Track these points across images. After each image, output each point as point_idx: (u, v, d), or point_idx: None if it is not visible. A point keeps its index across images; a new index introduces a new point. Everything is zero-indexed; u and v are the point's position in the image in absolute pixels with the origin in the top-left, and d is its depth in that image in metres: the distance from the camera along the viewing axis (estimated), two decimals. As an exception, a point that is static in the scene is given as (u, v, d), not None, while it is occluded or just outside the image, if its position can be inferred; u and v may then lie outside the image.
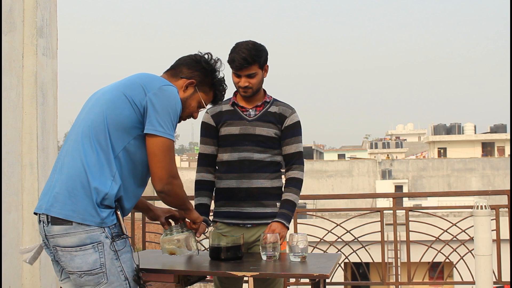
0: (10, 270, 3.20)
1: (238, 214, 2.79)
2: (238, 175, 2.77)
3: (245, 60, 2.64)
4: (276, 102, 2.86)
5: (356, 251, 4.72)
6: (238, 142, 2.77)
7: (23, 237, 3.31)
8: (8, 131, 3.22)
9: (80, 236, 1.97)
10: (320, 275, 2.26)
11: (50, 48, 3.53)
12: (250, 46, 2.67)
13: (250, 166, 2.76)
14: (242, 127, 2.78)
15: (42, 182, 3.40)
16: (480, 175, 34.11)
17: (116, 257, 2.03)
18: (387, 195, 5.27)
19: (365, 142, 58.72)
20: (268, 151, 2.79)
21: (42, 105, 3.43)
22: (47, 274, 3.44)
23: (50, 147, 3.53)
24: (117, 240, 2.03)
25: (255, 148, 2.77)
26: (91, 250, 1.98)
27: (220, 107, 2.85)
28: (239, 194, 2.78)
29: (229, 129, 2.80)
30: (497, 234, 4.43)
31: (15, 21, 3.28)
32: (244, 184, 2.76)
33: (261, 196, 2.78)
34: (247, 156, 2.76)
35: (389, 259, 11.12)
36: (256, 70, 2.70)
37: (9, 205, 3.20)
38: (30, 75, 3.36)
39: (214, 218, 2.88)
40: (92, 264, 1.98)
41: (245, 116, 2.81)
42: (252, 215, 2.78)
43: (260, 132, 2.77)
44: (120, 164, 2.08)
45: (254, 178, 2.76)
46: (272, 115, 2.81)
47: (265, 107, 2.83)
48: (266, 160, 2.79)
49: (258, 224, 2.78)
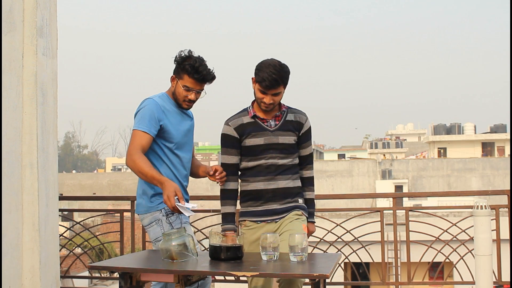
0: (10, 270, 3.19)
1: (266, 212, 3.08)
2: (265, 178, 3.06)
3: (275, 81, 2.92)
4: (290, 110, 3.15)
5: (356, 251, 4.72)
6: (263, 151, 3.06)
7: (23, 237, 3.31)
8: (8, 131, 3.21)
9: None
10: (320, 275, 2.26)
11: (50, 48, 3.53)
12: (278, 67, 2.93)
13: (276, 170, 3.07)
14: (266, 138, 3.06)
15: (42, 182, 3.40)
16: (480, 175, 34.12)
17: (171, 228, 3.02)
18: (387, 195, 5.27)
19: (365, 142, 58.71)
20: (290, 156, 3.10)
21: (42, 105, 3.43)
22: (47, 274, 3.44)
23: (50, 147, 3.53)
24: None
25: (279, 155, 3.07)
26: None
27: (241, 120, 3.09)
28: (266, 195, 3.07)
29: (253, 140, 3.06)
30: (497, 234, 4.43)
31: (15, 21, 3.28)
32: (271, 185, 3.06)
33: (286, 195, 3.09)
34: (273, 162, 3.06)
35: (389, 259, 11.12)
36: (281, 90, 2.99)
37: (9, 205, 3.20)
38: (30, 75, 3.35)
39: (242, 217, 3.14)
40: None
41: (267, 127, 3.07)
42: (278, 211, 3.08)
43: (282, 140, 3.07)
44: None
45: (279, 180, 3.07)
46: (290, 123, 3.10)
47: (283, 116, 3.10)
48: (288, 164, 3.09)
49: (283, 217, 3.08)
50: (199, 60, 3.07)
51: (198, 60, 3.07)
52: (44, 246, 3.39)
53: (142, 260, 2.77)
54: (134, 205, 4.86)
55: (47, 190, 3.47)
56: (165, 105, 3.09)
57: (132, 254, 3.08)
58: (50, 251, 3.49)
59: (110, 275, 5.54)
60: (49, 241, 3.48)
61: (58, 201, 3.68)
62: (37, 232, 3.33)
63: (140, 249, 4.51)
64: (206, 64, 3.10)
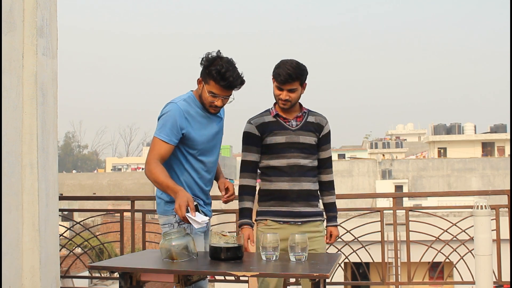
0: (10, 270, 3.20)
1: (290, 213, 3.11)
2: (290, 179, 3.10)
3: (290, 76, 2.98)
4: (311, 113, 3.20)
5: (356, 251, 4.72)
6: (284, 149, 3.10)
7: (23, 237, 3.31)
8: (8, 131, 3.21)
9: None
10: (320, 275, 2.26)
11: (50, 48, 3.53)
12: (294, 64, 3.01)
13: (299, 171, 3.11)
14: (288, 136, 3.10)
15: (42, 182, 3.40)
16: (480, 175, 34.12)
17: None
18: (387, 195, 5.27)
19: (365, 142, 58.69)
20: (310, 157, 3.15)
21: (42, 105, 3.43)
22: (47, 274, 3.44)
23: (50, 147, 3.53)
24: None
25: (300, 154, 3.11)
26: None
27: (263, 119, 3.15)
28: (291, 195, 3.10)
29: (275, 138, 3.10)
30: (497, 234, 4.43)
31: (15, 21, 3.28)
32: (296, 186, 3.10)
33: (308, 197, 3.15)
34: (295, 162, 3.10)
35: (389, 259, 11.12)
36: (297, 86, 3.03)
37: (9, 205, 3.20)
38: (30, 75, 3.35)
39: (263, 216, 3.15)
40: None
41: (288, 126, 3.12)
42: (302, 214, 3.12)
43: (304, 140, 3.12)
44: None
45: (303, 181, 3.12)
46: (311, 124, 3.16)
47: (304, 117, 3.16)
48: (309, 165, 3.15)
49: (306, 221, 3.13)
50: (227, 65, 2.83)
51: (226, 64, 2.83)
52: (44, 246, 3.39)
53: (142, 260, 2.77)
54: (134, 205, 4.88)
55: (47, 190, 3.47)
56: (189, 109, 2.94)
57: (132, 254, 3.08)
58: (50, 251, 3.49)
59: (110, 275, 5.54)
60: (49, 241, 3.48)
61: (58, 201, 3.68)
62: (37, 232, 3.33)
63: (140, 249, 4.51)
64: (235, 68, 2.87)
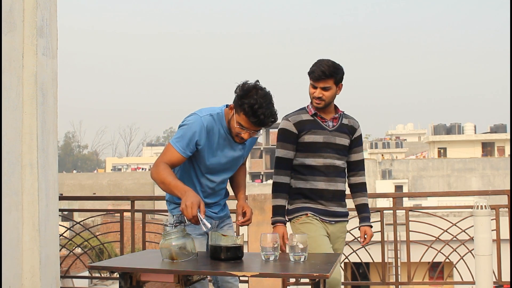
0: (10, 270, 3.20)
1: (325, 212, 3.14)
2: (326, 179, 3.12)
3: (323, 73, 2.98)
4: (345, 115, 3.23)
5: (356, 251, 4.72)
6: (322, 149, 3.11)
7: (23, 237, 3.31)
8: (8, 131, 3.21)
9: None
10: (320, 275, 2.26)
11: (50, 48, 3.53)
12: (330, 63, 3.02)
13: (334, 171, 3.14)
14: (325, 136, 3.12)
15: (42, 182, 3.40)
16: (480, 175, 34.13)
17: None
18: (387, 195, 5.27)
19: (365, 142, 58.73)
20: (343, 158, 3.19)
21: (42, 105, 3.43)
22: (47, 274, 3.44)
23: (50, 147, 3.53)
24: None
25: (335, 155, 3.14)
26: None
27: (300, 117, 3.14)
28: (327, 195, 3.13)
29: (313, 137, 3.11)
30: (497, 234, 4.43)
31: (15, 21, 3.28)
32: (332, 186, 3.14)
33: (341, 198, 3.20)
34: (331, 163, 3.13)
35: (389, 259, 11.12)
36: (331, 84, 3.02)
37: (9, 205, 3.20)
38: (30, 75, 3.36)
39: (302, 212, 3.13)
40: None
41: (326, 127, 3.14)
42: (336, 214, 3.17)
43: (339, 141, 3.15)
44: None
45: (338, 181, 3.15)
46: (346, 127, 3.20)
47: (339, 119, 3.19)
48: (342, 167, 3.19)
49: (338, 221, 3.19)
50: (261, 100, 2.59)
51: (260, 99, 2.59)
52: (44, 246, 3.39)
53: (142, 260, 2.77)
54: (134, 205, 4.87)
55: (47, 190, 3.47)
56: (213, 126, 2.75)
57: (132, 254, 3.08)
58: (50, 251, 3.49)
59: (110, 275, 5.55)
60: (49, 241, 3.48)
61: (58, 201, 3.68)
62: (37, 232, 3.33)
63: (140, 249, 4.51)
64: (270, 104, 2.63)
